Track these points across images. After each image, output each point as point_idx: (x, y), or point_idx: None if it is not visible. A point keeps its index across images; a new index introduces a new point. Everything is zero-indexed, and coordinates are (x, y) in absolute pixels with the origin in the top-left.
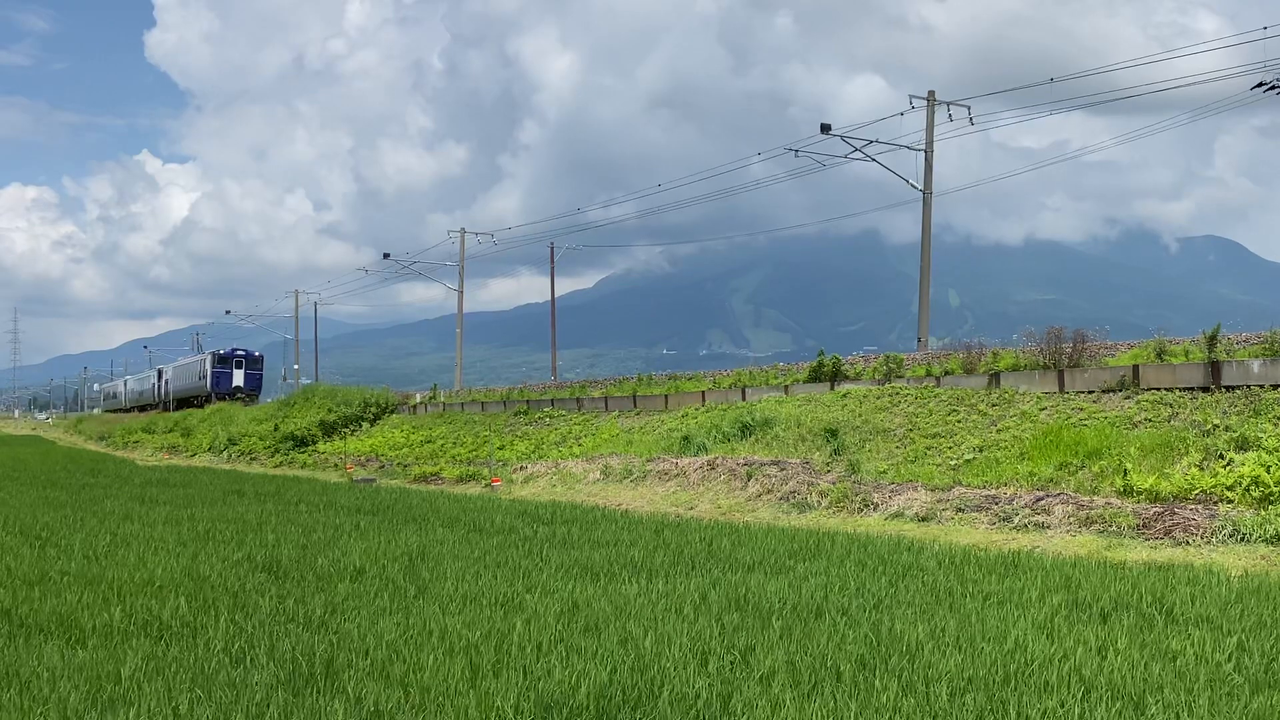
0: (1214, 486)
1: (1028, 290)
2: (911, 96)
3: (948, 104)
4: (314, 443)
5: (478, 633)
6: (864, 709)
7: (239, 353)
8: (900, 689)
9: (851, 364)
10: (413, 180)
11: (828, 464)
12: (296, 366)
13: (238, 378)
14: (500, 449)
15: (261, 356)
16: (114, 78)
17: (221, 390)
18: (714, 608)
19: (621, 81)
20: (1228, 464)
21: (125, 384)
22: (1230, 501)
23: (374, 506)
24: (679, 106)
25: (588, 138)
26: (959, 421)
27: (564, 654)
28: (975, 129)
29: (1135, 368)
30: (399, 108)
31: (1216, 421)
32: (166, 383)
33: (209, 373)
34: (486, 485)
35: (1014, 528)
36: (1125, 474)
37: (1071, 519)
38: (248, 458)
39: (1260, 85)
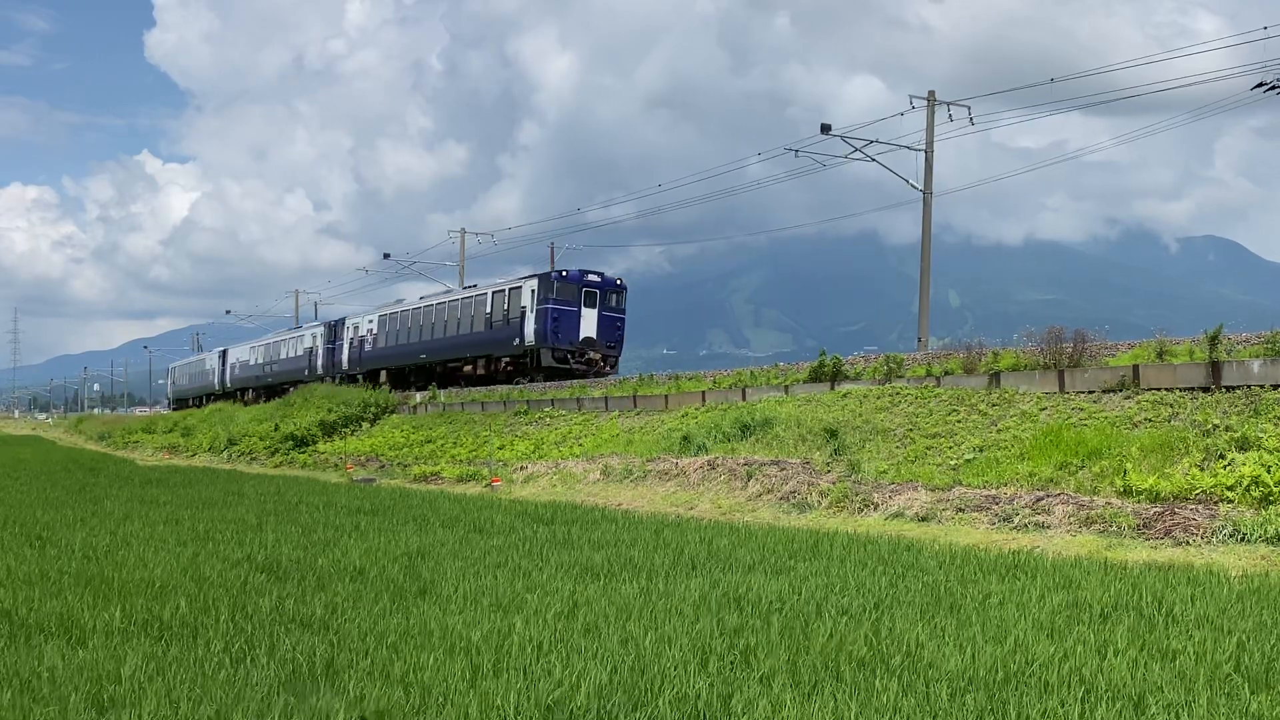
0: (1214, 486)
1: (1028, 290)
2: (911, 97)
3: (948, 104)
4: (314, 443)
5: (478, 633)
6: (864, 709)
7: (591, 277)
8: (900, 689)
9: (852, 364)
10: (413, 180)
11: (828, 464)
12: None
13: (587, 323)
14: (500, 449)
15: (624, 287)
16: (114, 78)
17: (560, 345)
18: (714, 608)
19: (621, 81)
20: (1228, 464)
21: (224, 359)
22: (1230, 501)
23: (374, 506)
24: (678, 107)
25: (587, 138)
26: (959, 421)
27: (564, 654)
28: (975, 129)
29: (1135, 368)
30: (399, 108)
31: (1217, 421)
32: (357, 344)
33: (533, 313)
34: (487, 485)
35: (1014, 528)
36: (1125, 474)
37: (1072, 519)
38: (248, 458)
39: (1260, 85)
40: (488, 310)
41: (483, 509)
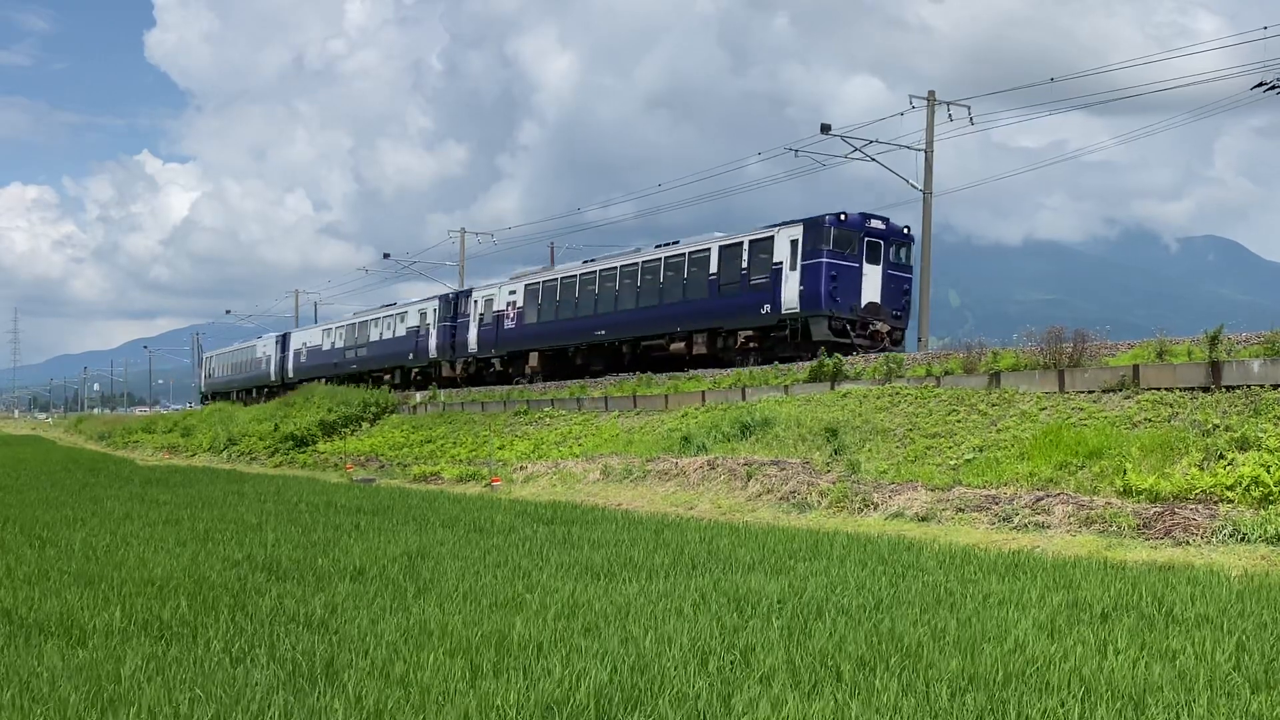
0: (1214, 486)
1: (1028, 290)
2: (911, 96)
3: (948, 104)
4: (314, 443)
5: (478, 632)
6: (864, 709)
7: (875, 223)
8: (900, 689)
9: (851, 364)
10: (412, 180)
11: (828, 464)
12: None
13: (870, 284)
14: (500, 449)
15: (912, 238)
16: (114, 78)
17: (839, 312)
18: (714, 607)
19: (621, 82)
20: (1228, 464)
21: (284, 345)
22: (1230, 501)
23: (374, 506)
24: (678, 107)
25: (587, 138)
26: (959, 421)
27: (564, 654)
28: (975, 129)
29: (1135, 368)
30: (399, 108)
31: (1217, 421)
32: (492, 320)
33: (796, 270)
34: (486, 485)
35: (1014, 528)
36: (1125, 474)
37: (1072, 519)
38: (248, 458)
39: (1260, 85)
40: (713, 270)
41: (483, 509)
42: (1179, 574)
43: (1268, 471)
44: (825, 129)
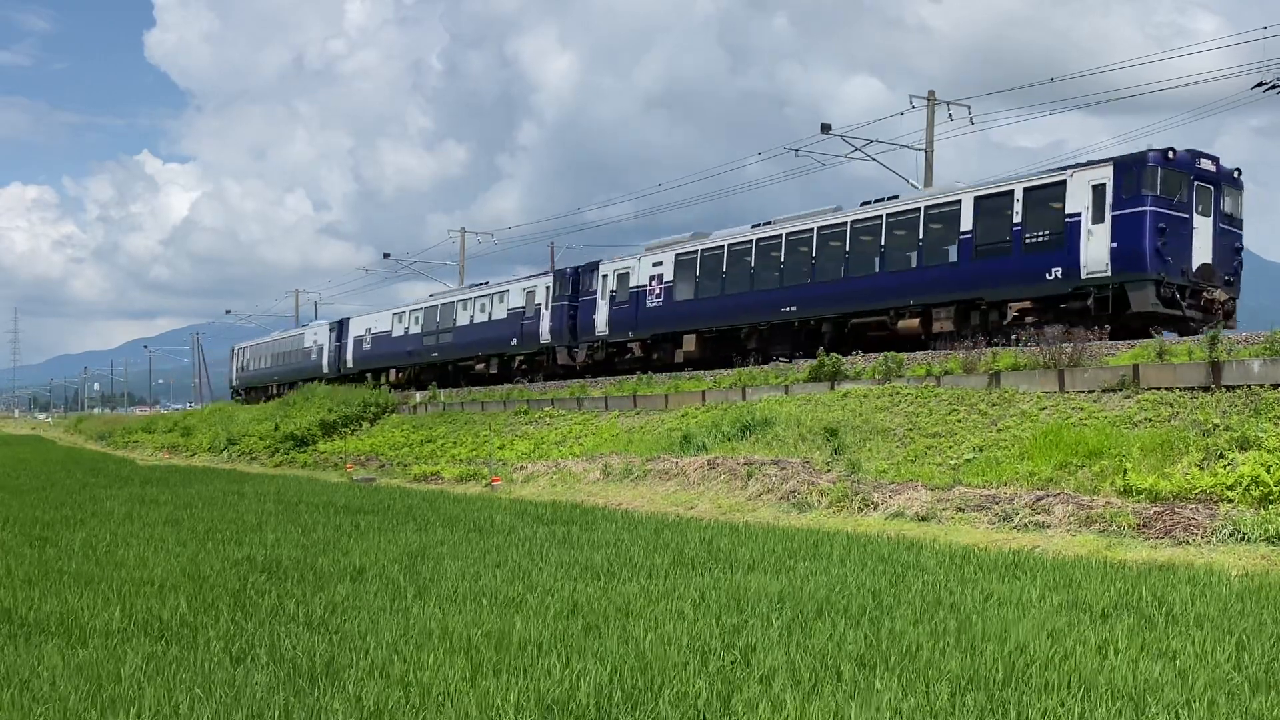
0: (1214, 486)
1: None
2: (911, 96)
3: (948, 104)
4: (314, 442)
5: (478, 632)
6: (864, 709)
7: (1204, 163)
8: (901, 689)
9: (851, 363)
10: (412, 180)
11: (828, 463)
12: None
13: (1201, 241)
14: (500, 449)
15: (1243, 184)
16: (114, 78)
17: (1170, 276)
18: (714, 607)
19: (620, 82)
20: (1228, 463)
21: (341, 332)
22: (1230, 501)
23: (374, 506)
24: (677, 107)
25: (586, 138)
26: (959, 421)
27: (564, 654)
28: (975, 129)
29: (1135, 367)
30: (399, 108)
31: (1217, 421)
32: (628, 299)
33: (1104, 224)
34: (487, 485)
35: (1014, 527)
36: (1125, 474)
37: (1072, 518)
38: (248, 457)
39: (1260, 85)
40: (965, 228)
41: (483, 508)
42: (1179, 574)
43: (1268, 471)
44: (825, 129)
